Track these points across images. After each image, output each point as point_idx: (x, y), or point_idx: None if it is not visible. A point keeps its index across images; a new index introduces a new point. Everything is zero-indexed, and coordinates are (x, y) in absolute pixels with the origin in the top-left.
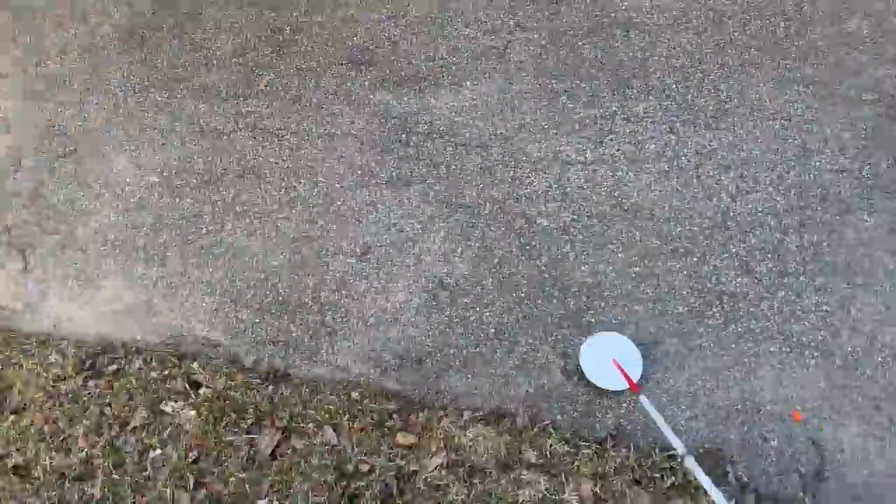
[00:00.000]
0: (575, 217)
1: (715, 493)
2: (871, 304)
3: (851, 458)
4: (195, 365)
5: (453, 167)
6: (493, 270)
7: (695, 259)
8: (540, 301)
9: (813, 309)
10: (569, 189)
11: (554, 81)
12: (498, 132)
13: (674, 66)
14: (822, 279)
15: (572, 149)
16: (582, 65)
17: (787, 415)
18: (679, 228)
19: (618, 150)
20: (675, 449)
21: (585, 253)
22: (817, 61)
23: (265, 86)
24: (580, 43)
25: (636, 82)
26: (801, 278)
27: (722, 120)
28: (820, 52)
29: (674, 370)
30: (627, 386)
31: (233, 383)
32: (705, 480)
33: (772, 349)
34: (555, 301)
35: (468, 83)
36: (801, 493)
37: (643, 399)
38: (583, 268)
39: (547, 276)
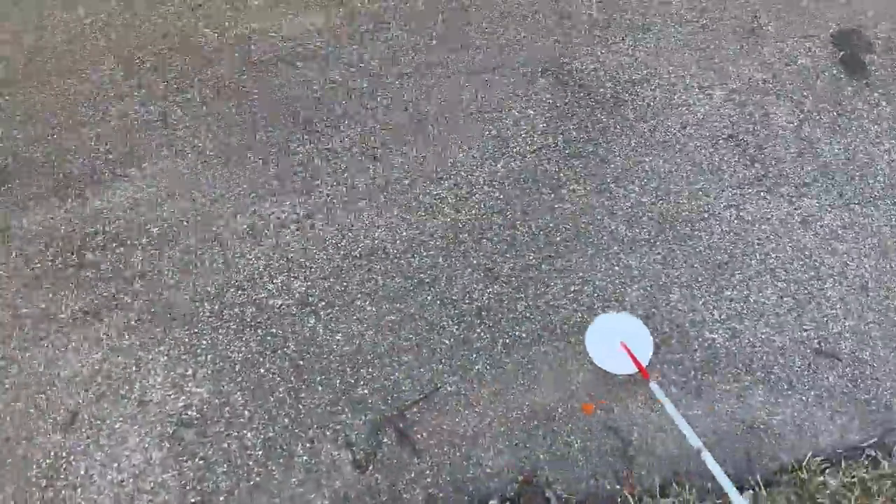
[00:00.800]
0: (309, 284)
1: (732, 493)
2: (609, 268)
3: (645, 427)
4: None
5: (149, 275)
6: (239, 380)
7: (442, 285)
8: (303, 394)
9: (563, 293)
10: (291, 254)
11: (234, 138)
12: (189, 215)
13: (352, 88)
14: (560, 261)
15: (280, 208)
16: (257, 113)
17: (579, 410)
18: (417, 259)
19: (328, 195)
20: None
21: (333, 319)
22: (487, 47)
23: None
24: (245, 88)
25: (321, 116)
26: (543, 266)
27: (420, 131)
28: (486, 37)
29: (462, 409)
30: (636, 370)
31: None
32: (723, 478)
33: (543, 349)
34: (319, 387)
35: (134, 170)
36: (619, 485)
37: (654, 386)
38: (336, 337)
39: (301, 362)
